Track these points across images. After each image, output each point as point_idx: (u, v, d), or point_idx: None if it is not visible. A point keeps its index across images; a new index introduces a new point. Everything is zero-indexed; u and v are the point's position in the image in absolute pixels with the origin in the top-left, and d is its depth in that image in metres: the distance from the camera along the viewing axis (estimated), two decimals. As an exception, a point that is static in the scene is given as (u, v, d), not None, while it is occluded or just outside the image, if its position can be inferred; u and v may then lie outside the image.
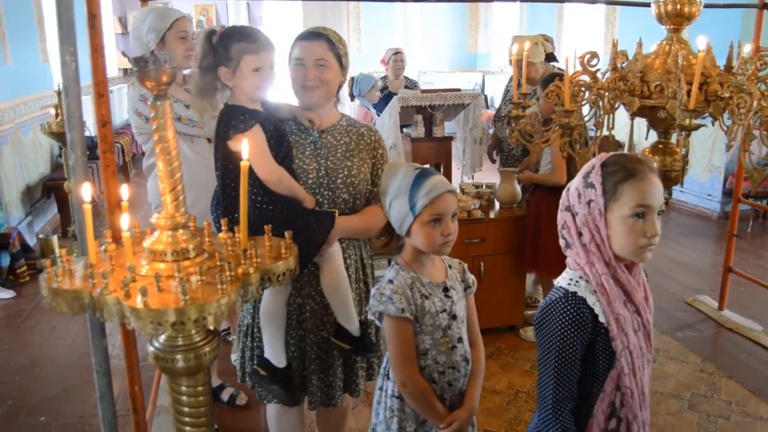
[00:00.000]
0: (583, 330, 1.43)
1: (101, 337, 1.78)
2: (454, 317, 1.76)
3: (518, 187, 3.87)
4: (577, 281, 1.47)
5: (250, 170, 1.84)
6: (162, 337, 1.25)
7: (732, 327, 3.94)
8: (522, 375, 3.36)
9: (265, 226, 1.33)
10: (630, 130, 2.17)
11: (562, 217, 1.53)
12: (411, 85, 5.98)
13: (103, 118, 1.76)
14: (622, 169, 1.44)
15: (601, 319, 1.44)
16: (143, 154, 2.84)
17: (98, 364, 1.81)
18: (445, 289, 1.77)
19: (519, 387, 3.24)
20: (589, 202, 1.46)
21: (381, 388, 1.83)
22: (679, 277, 4.79)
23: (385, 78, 5.98)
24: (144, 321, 1.05)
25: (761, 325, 3.91)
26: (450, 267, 1.84)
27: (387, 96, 5.84)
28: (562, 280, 1.51)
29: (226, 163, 1.87)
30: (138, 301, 1.05)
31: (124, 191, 1.36)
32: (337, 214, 1.96)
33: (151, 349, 1.27)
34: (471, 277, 1.88)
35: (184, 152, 2.44)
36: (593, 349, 1.46)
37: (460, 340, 1.77)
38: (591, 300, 1.44)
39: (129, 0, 9.83)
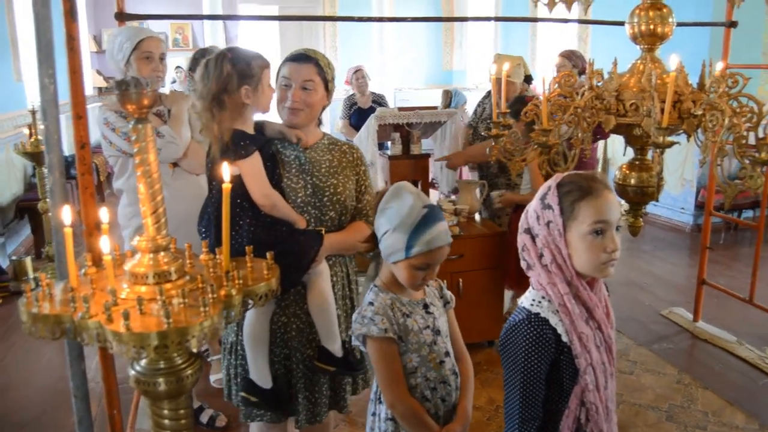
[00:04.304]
0: (546, 350, 1.44)
1: (79, 362, 1.76)
2: (437, 332, 1.77)
3: (478, 197, 3.94)
4: (539, 302, 1.49)
5: (245, 197, 1.86)
6: (143, 361, 1.24)
7: (707, 338, 4.00)
8: (502, 390, 3.35)
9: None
10: (604, 147, 2.21)
11: (521, 239, 1.55)
12: (378, 99, 6.04)
13: (82, 140, 1.75)
14: (577, 188, 1.46)
15: (564, 338, 1.45)
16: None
17: (76, 388, 1.79)
18: (425, 306, 1.78)
19: (499, 402, 3.25)
20: (548, 223, 1.48)
21: (374, 414, 1.81)
22: (654, 289, 4.86)
23: (352, 96, 6.04)
24: (127, 345, 1.04)
25: (735, 336, 3.98)
26: (427, 285, 1.84)
27: (356, 112, 5.91)
28: (525, 300, 1.53)
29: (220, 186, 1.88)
30: (121, 326, 1.04)
31: (104, 214, 1.34)
32: (323, 232, 1.97)
33: (132, 372, 1.26)
34: (448, 293, 1.89)
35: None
36: (557, 368, 1.47)
37: (447, 354, 1.78)
38: (553, 320, 1.46)
39: (104, 18, 9.79)
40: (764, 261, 4.18)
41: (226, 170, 1.21)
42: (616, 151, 6.95)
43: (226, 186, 1.20)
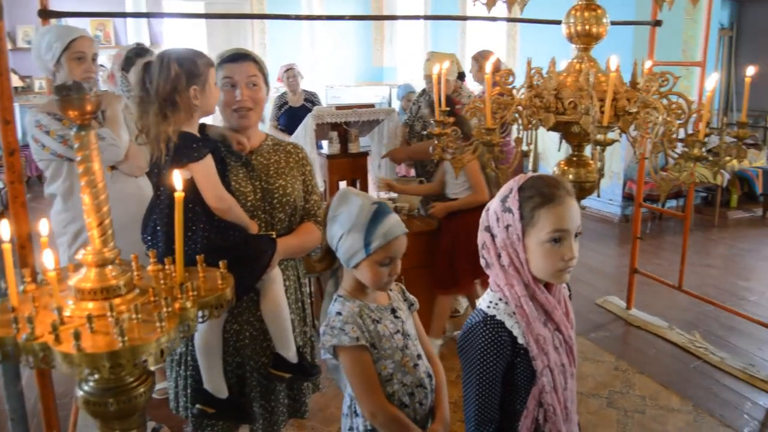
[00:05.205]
0: (501, 354, 1.44)
1: (15, 383, 1.66)
2: (407, 336, 1.76)
3: (416, 197, 3.97)
4: (496, 304, 1.48)
5: (198, 202, 1.79)
6: (92, 380, 1.18)
7: (640, 325, 4.16)
8: (448, 385, 3.39)
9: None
10: (534, 142, 2.24)
11: (482, 237, 1.53)
12: (310, 97, 5.99)
13: (11, 146, 1.66)
14: (538, 194, 1.44)
15: (520, 340, 1.45)
16: (38, 177, 2.70)
17: (13, 410, 1.69)
18: (393, 311, 1.77)
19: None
20: (507, 227, 1.46)
21: (351, 429, 1.77)
22: (588, 279, 5.01)
23: (283, 95, 5.96)
24: (79, 367, 0.99)
25: (666, 321, 4.16)
26: (390, 289, 1.83)
27: (286, 111, 5.83)
28: (482, 302, 1.52)
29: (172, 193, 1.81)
30: (72, 346, 0.98)
31: (43, 226, 1.27)
32: (274, 236, 1.94)
33: (80, 393, 1.19)
34: (411, 296, 1.89)
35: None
36: (514, 370, 1.47)
37: (419, 356, 1.77)
38: (509, 323, 1.45)
39: (18, 14, 9.28)
40: (689, 248, 4.36)
41: (178, 178, 1.16)
42: (547, 148, 7.13)
43: (179, 195, 1.15)
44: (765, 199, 6.99)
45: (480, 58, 5.04)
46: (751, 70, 1.92)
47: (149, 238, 1.85)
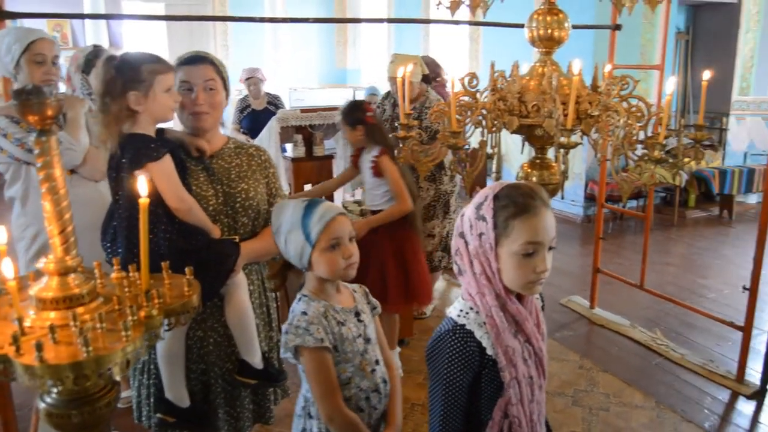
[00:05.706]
0: (469, 364, 1.42)
1: (-27, 395, 1.62)
2: (368, 340, 1.76)
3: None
4: (467, 313, 1.45)
5: (159, 203, 1.76)
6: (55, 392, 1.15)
7: (603, 324, 4.24)
8: (416, 388, 3.41)
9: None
10: (498, 144, 2.26)
11: (456, 243, 1.50)
12: (273, 100, 5.96)
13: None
14: (513, 204, 1.40)
15: (489, 351, 1.42)
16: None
17: (-30, 424, 1.64)
18: (357, 314, 1.76)
19: (414, 400, 3.28)
20: (480, 235, 1.43)
21: (304, 430, 1.76)
22: (552, 280, 5.02)
23: (246, 98, 5.92)
24: (41, 379, 0.96)
25: (628, 320, 4.24)
26: (355, 291, 1.84)
27: (249, 115, 5.79)
28: (453, 310, 1.49)
29: (132, 196, 1.76)
30: (34, 358, 0.96)
31: (1, 234, 1.23)
32: (237, 240, 1.91)
33: (42, 405, 1.16)
34: (374, 300, 1.88)
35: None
36: (481, 381, 1.45)
37: (377, 362, 1.77)
38: (478, 333, 1.43)
39: (-30, 15, 9.03)
40: (649, 247, 4.45)
41: (143, 185, 1.14)
42: (510, 150, 7.21)
43: (144, 201, 1.13)
44: (721, 199, 7.19)
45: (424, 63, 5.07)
46: (707, 74, 1.97)
47: (109, 245, 1.81)
